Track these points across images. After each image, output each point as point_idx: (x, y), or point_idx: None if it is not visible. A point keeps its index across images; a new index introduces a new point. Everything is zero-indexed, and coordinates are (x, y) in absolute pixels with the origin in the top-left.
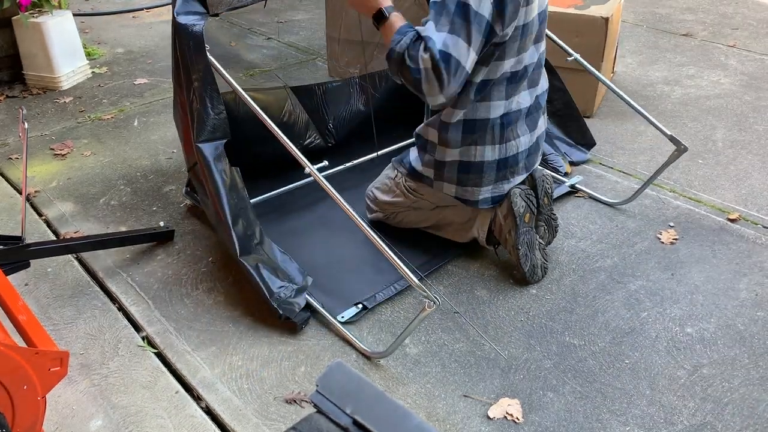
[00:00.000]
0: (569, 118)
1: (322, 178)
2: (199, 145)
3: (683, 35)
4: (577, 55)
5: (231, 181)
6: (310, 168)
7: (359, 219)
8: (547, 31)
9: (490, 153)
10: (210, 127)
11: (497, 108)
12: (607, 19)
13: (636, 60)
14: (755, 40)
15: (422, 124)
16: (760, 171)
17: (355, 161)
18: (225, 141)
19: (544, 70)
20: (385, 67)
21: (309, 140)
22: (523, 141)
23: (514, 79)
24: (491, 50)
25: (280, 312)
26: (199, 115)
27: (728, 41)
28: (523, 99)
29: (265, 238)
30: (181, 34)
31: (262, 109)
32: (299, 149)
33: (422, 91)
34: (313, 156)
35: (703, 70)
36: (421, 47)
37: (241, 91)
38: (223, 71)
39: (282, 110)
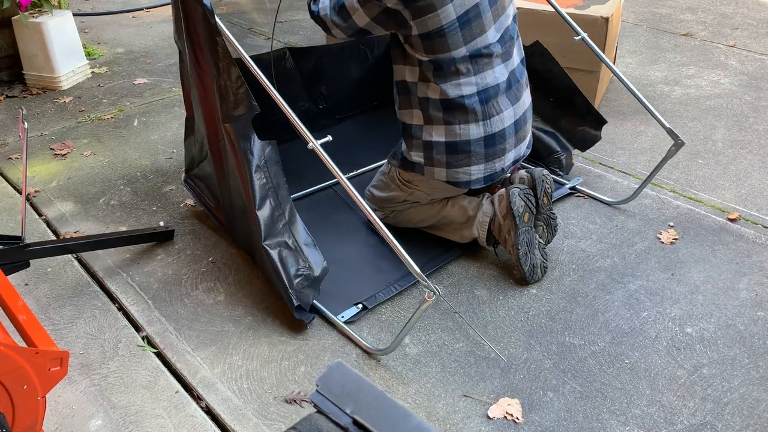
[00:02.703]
0: (574, 98)
1: (325, 154)
2: (226, 124)
3: (683, 35)
4: (585, 35)
5: (264, 158)
6: (313, 143)
7: (360, 198)
8: (558, 7)
9: (475, 130)
10: (237, 103)
11: (469, 86)
12: (607, 19)
13: (636, 60)
14: (755, 39)
15: (401, 112)
16: (760, 171)
17: (360, 170)
18: (253, 115)
19: (519, 42)
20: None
21: (300, 103)
22: (506, 115)
23: (478, 58)
24: (426, 43)
25: (296, 302)
26: (223, 92)
27: (728, 41)
28: (499, 73)
29: (295, 216)
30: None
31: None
32: (296, 118)
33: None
34: (301, 117)
35: (703, 70)
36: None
37: (252, 63)
38: (232, 38)
39: (277, 68)
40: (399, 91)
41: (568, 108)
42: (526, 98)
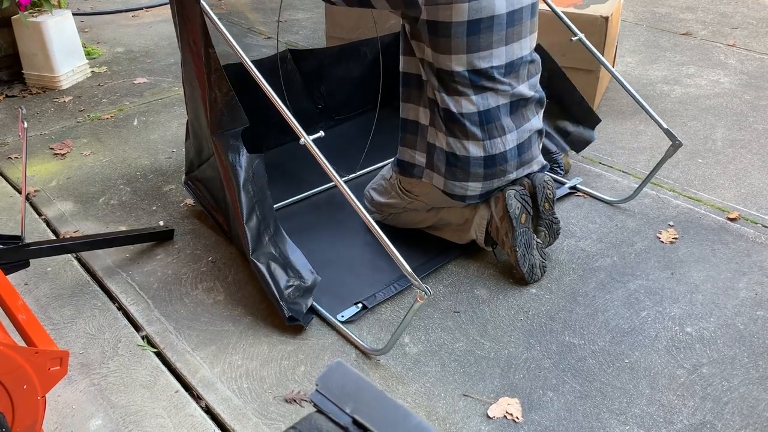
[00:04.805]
0: (570, 100)
1: (317, 150)
2: (216, 136)
3: (683, 34)
4: (581, 35)
5: (252, 171)
6: (305, 139)
7: (352, 196)
8: (555, 7)
9: (474, 149)
10: (226, 116)
11: (469, 104)
12: (606, 18)
13: (636, 59)
14: (755, 39)
15: (407, 106)
16: (760, 170)
17: (358, 173)
18: (243, 128)
19: (534, 66)
20: (387, 31)
21: (299, 103)
22: (509, 138)
23: (478, 76)
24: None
25: (288, 313)
26: (214, 104)
27: (728, 40)
28: (502, 96)
29: (280, 230)
30: (188, 7)
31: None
32: (289, 113)
33: None
34: (300, 117)
35: (703, 69)
36: None
37: (246, 59)
38: (227, 34)
39: (278, 71)
40: (406, 83)
41: (565, 108)
42: (535, 122)
